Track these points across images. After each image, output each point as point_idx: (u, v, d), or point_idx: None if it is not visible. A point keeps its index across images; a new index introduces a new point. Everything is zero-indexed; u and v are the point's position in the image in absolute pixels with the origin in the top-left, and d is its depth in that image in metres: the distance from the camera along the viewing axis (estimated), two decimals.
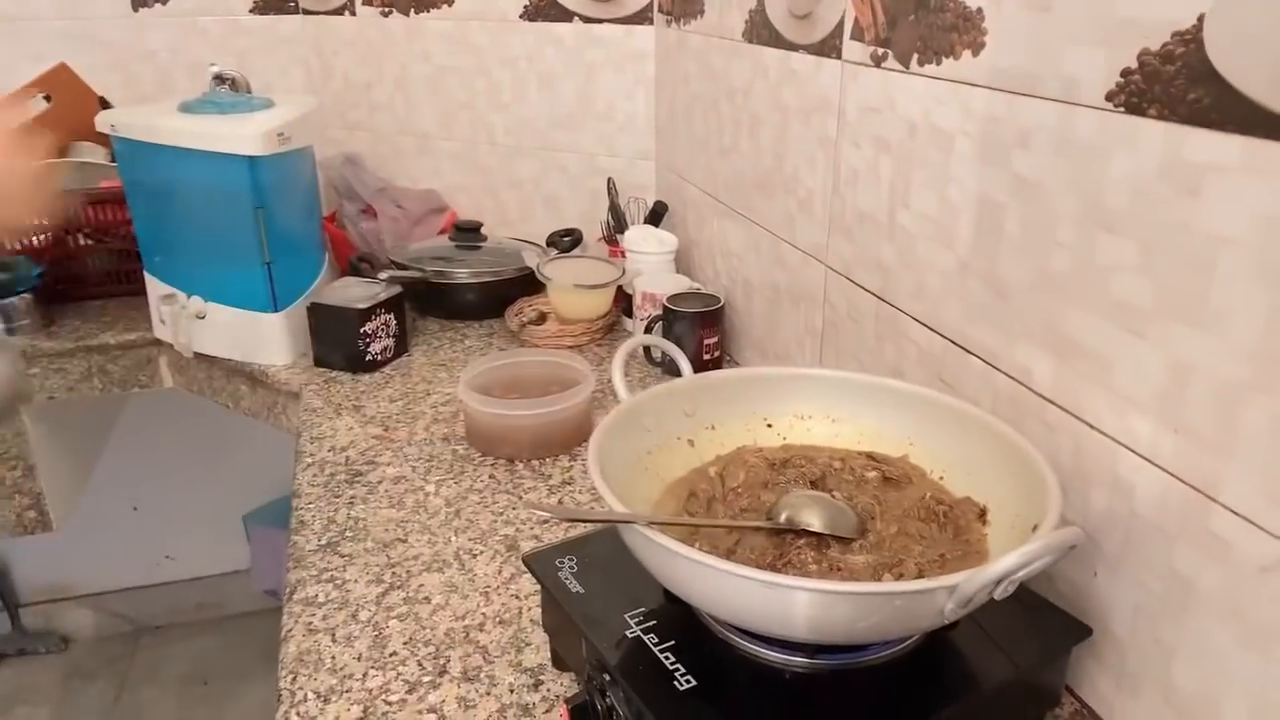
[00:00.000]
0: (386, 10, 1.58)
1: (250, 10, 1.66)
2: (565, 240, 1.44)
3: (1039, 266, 0.63)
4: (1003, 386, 0.68)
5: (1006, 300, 0.67)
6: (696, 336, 1.13)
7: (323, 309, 1.17)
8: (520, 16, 1.46)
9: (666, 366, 1.17)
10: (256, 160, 1.11)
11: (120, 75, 1.61)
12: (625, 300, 1.29)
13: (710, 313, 1.13)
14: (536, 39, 1.46)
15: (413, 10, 1.55)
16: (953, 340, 0.74)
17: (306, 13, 1.67)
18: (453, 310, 1.36)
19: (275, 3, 1.67)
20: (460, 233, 1.42)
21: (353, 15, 1.62)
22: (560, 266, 1.30)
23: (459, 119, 1.58)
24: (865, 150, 0.83)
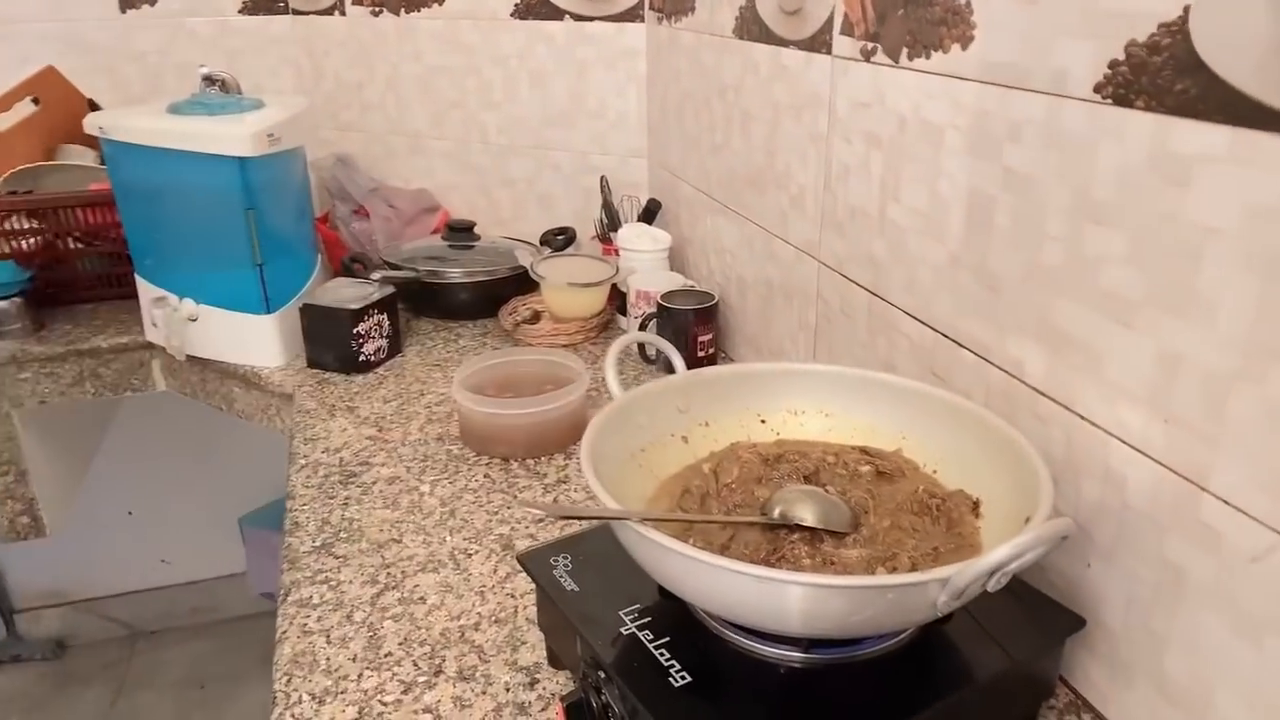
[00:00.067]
0: (377, 10, 1.57)
1: (239, 11, 1.66)
2: (559, 239, 1.44)
3: (1029, 259, 0.63)
4: (995, 379, 0.68)
5: (997, 293, 0.67)
6: (691, 334, 1.13)
7: (315, 310, 1.17)
8: (511, 15, 1.46)
9: (661, 364, 1.17)
10: (247, 161, 1.10)
11: (109, 77, 1.60)
12: (619, 298, 1.29)
13: (704, 310, 1.13)
14: (528, 37, 1.46)
15: (403, 9, 1.55)
16: (944, 334, 0.74)
17: (296, 13, 1.67)
18: (446, 310, 1.36)
19: (265, 3, 1.66)
20: (453, 232, 1.42)
21: (343, 15, 1.61)
22: (554, 265, 1.30)
23: (451, 118, 1.58)
24: (856, 145, 0.84)
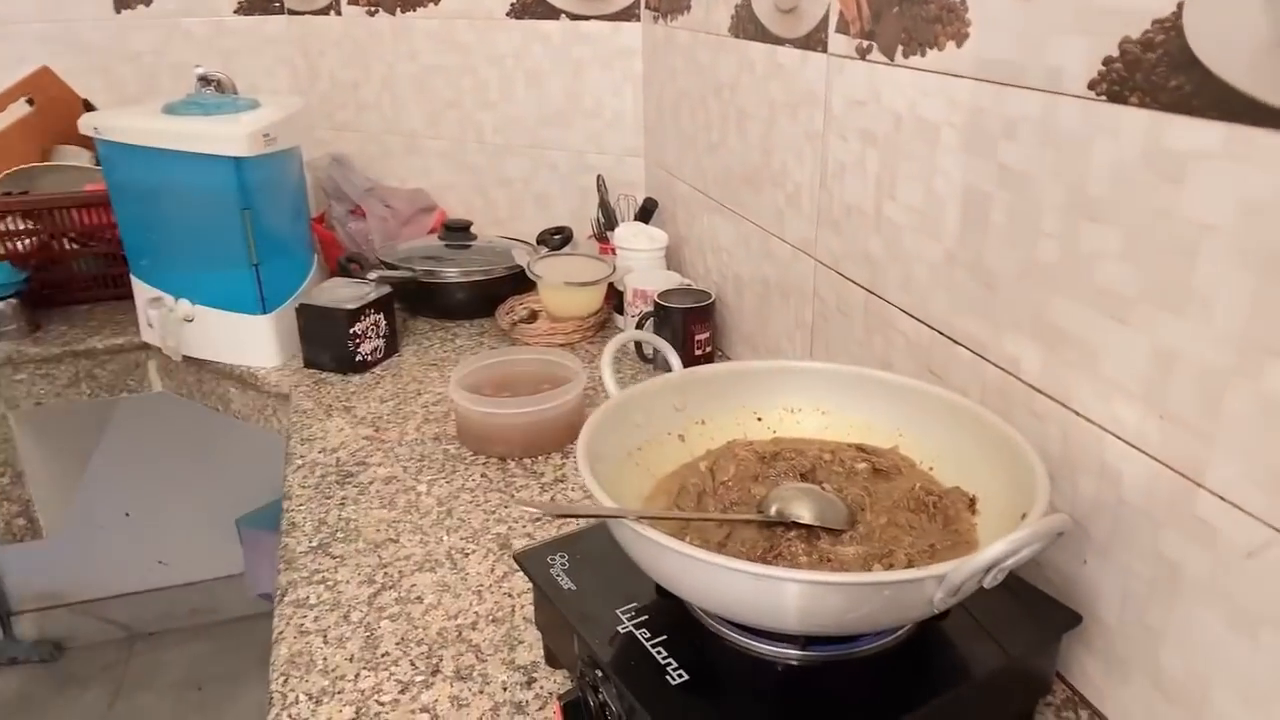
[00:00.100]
0: (372, 9, 1.57)
1: (235, 11, 1.66)
2: (555, 238, 1.44)
3: (1025, 256, 0.63)
4: (991, 376, 0.68)
5: (993, 290, 0.67)
6: (688, 332, 1.13)
7: (312, 310, 1.17)
8: (507, 14, 1.46)
9: (658, 363, 1.17)
10: (242, 161, 1.10)
11: (104, 78, 1.60)
12: (616, 297, 1.29)
13: (701, 308, 1.13)
14: (524, 36, 1.46)
15: (399, 9, 1.54)
16: (941, 331, 0.74)
17: (291, 13, 1.67)
18: (443, 310, 1.36)
19: (260, 3, 1.66)
20: (450, 232, 1.42)
21: (338, 15, 1.61)
22: (550, 264, 1.30)
23: (447, 118, 1.58)
24: (852, 143, 0.84)
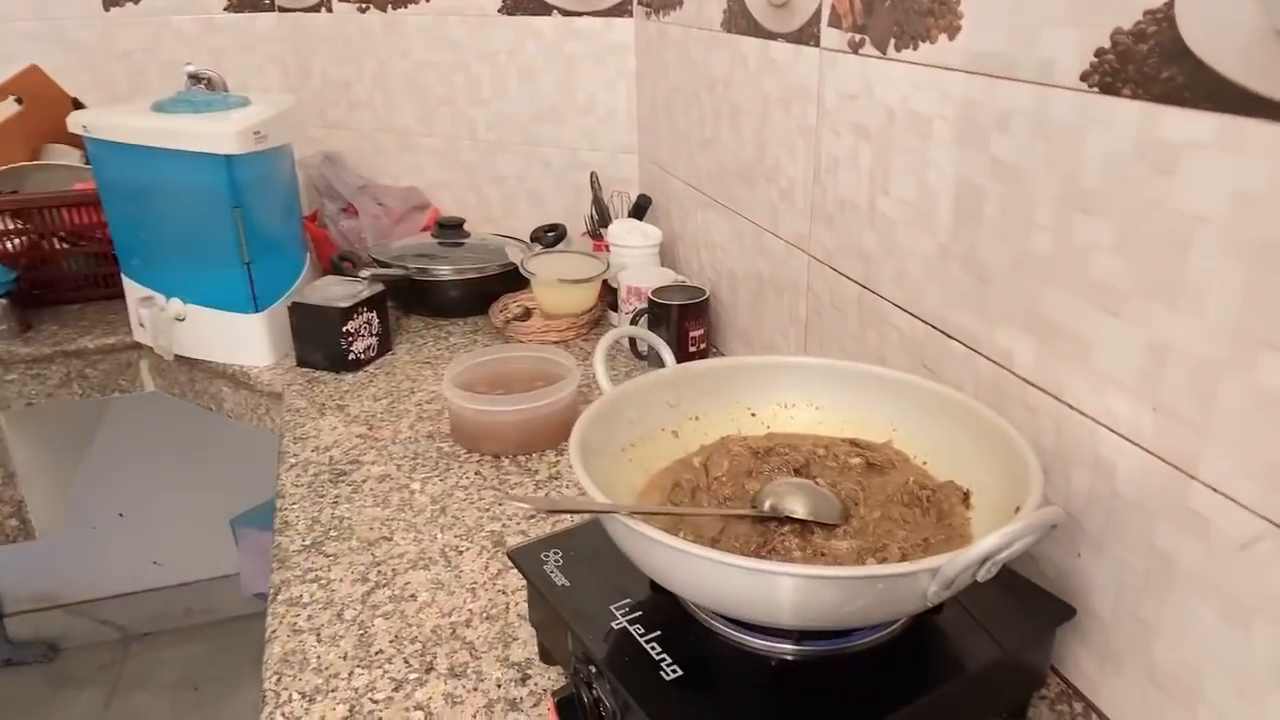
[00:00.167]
0: (364, 6, 1.56)
1: (225, 8, 1.65)
2: (549, 235, 1.43)
3: (1018, 249, 0.63)
4: (984, 370, 0.68)
5: (987, 284, 0.67)
6: (682, 329, 1.12)
7: (304, 308, 1.16)
8: (499, 10, 1.45)
9: (652, 360, 1.17)
10: (233, 159, 1.09)
11: (93, 76, 1.59)
12: (610, 294, 1.29)
13: (695, 305, 1.13)
14: (516, 33, 1.45)
15: (390, 6, 1.54)
16: (934, 325, 0.74)
17: (282, 10, 1.66)
18: (436, 307, 1.35)
19: (250, 0, 1.65)
20: (443, 229, 1.41)
21: (329, 12, 1.60)
22: (544, 262, 1.29)
23: (439, 115, 1.57)
24: (845, 138, 0.83)
